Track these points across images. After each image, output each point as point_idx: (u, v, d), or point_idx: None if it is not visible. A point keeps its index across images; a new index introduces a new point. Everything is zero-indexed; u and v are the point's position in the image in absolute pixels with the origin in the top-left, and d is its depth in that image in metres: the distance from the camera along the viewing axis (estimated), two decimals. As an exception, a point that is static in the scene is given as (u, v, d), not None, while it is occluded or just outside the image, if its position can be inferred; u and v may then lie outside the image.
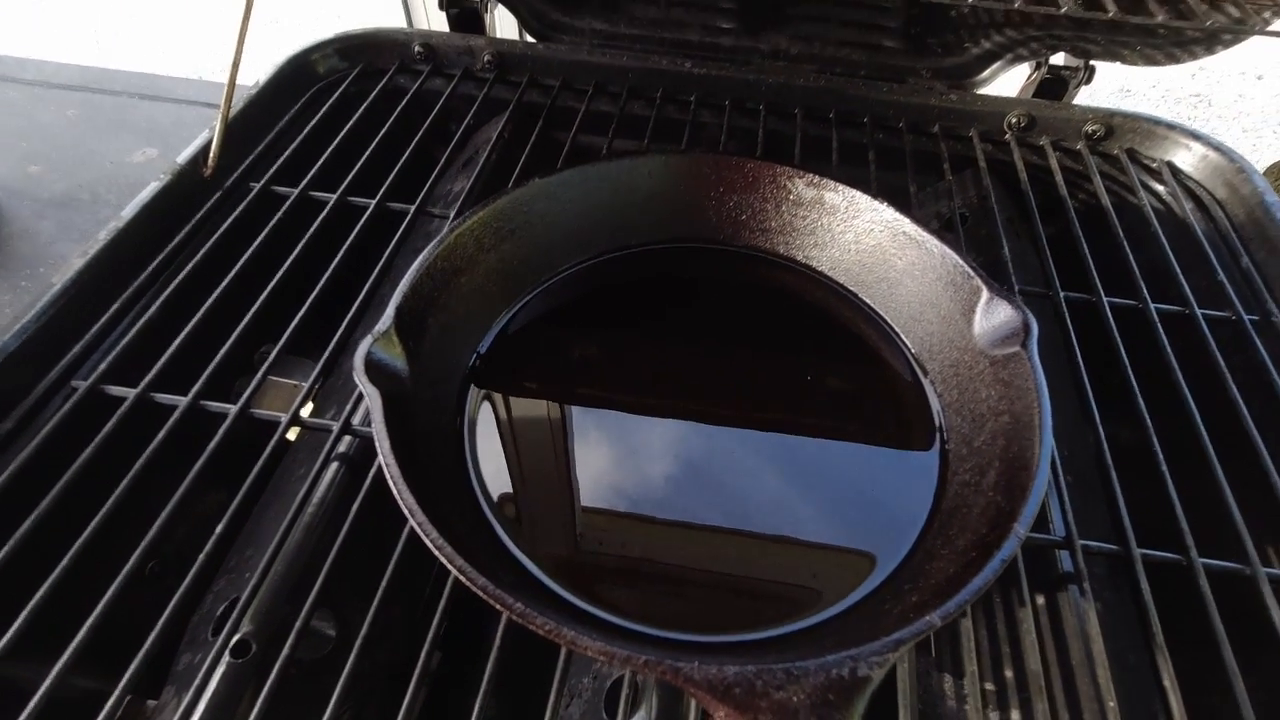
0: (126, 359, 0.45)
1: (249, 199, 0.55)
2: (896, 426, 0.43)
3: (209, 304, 0.48)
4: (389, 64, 0.69)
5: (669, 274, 0.50)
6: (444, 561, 0.29)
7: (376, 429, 0.32)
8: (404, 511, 0.30)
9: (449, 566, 0.29)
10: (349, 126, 0.62)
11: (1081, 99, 0.70)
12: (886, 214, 0.45)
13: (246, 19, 0.50)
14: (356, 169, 0.58)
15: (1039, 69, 0.69)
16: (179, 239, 0.51)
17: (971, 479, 0.37)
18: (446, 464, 0.38)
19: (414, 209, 0.56)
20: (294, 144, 0.60)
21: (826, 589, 0.36)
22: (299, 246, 0.52)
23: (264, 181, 0.57)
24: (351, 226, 0.54)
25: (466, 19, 0.73)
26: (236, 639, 0.36)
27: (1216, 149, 0.62)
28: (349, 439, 0.44)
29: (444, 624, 0.36)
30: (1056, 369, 0.48)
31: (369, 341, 0.35)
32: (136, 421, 0.42)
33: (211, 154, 0.54)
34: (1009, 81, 0.72)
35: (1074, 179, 0.64)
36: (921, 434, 0.42)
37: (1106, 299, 0.52)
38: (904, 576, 0.35)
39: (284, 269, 0.50)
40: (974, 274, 0.41)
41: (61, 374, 0.44)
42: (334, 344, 0.47)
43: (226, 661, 0.36)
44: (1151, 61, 0.63)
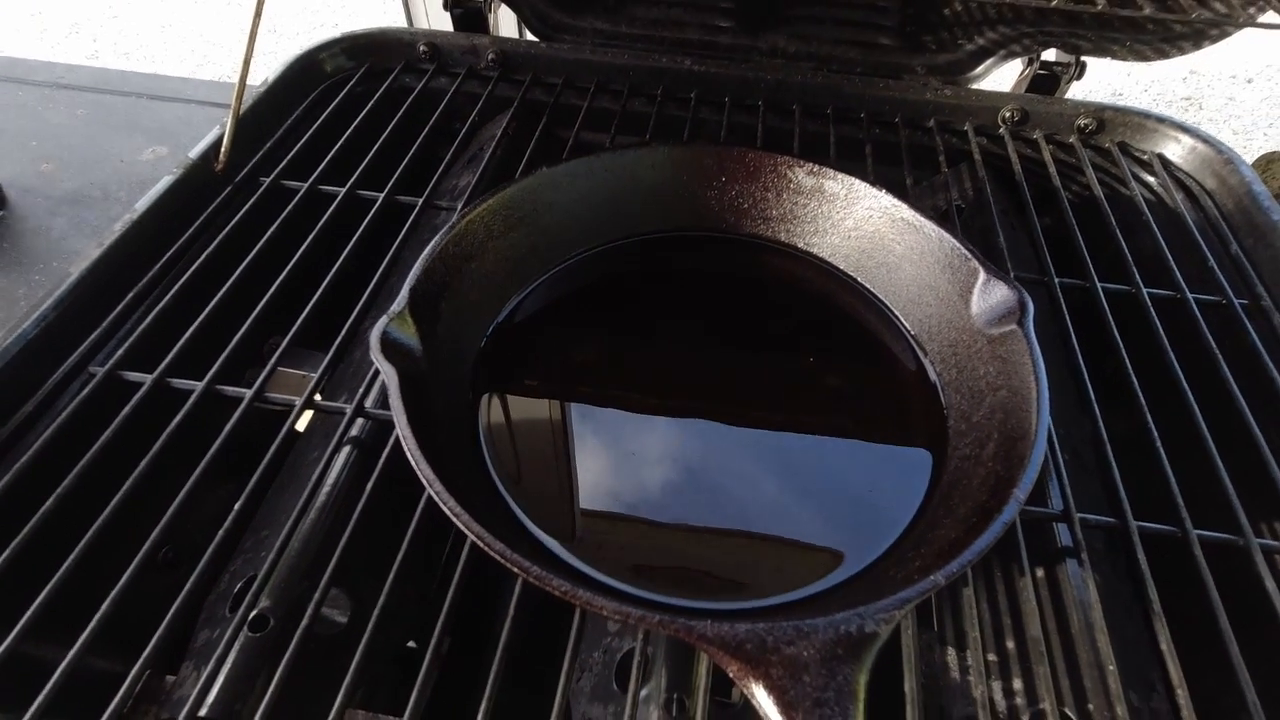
0: (142, 346, 0.46)
1: (259, 192, 0.56)
2: (898, 405, 0.44)
3: (222, 293, 0.49)
4: (395, 63, 0.71)
5: (673, 262, 0.52)
6: (461, 527, 0.30)
7: (393, 403, 0.33)
8: (422, 481, 0.31)
9: (466, 531, 0.30)
10: (356, 124, 0.63)
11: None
12: (884, 200, 0.47)
13: (258, 16, 0.51)
14: (364, 165, 0.59)
15: (1031, 65, 0.71)
16: (192, 231, 0.52)
17: (971, 452, 0.38)
18: (461, 441, 0.39)
19: (421, 201, 0.57)
20: (302, 140, 0.61)
21: (833, 560, 0.37)
22: (309, 238, 0.53)
23: (274, 176, 0.58)
24: (360, 219, 0.55)
25: (470, 19, 0.75)
26: (254, 614, 0.37)
27: (1205, 141, 0.63)
28: (362, 422, 0.44)
29: (458, 599, 0.36)
30: (1053, 353, 0.49)
31: (384, 321, 0.36)
32: (153, 406, 0.43)
33: (223, 149, 0.56)
34: (1002, 77, 0.74)
35: (1067, 171, 0.65)
36: (922, 411, 0.43)
37: (1100, 285, 0.53)
38: (908, 545, 0.36)
39: (295, 259, 0.51)
40: (971, 256, 0.42)
41: (79, 360, 0.44)
42: (344, 333, 0.48)
43: (244, 636, 0.36)
44: (1141, 57, 0.65)
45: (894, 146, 0.65)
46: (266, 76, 0.65)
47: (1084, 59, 0.69)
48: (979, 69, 0.72)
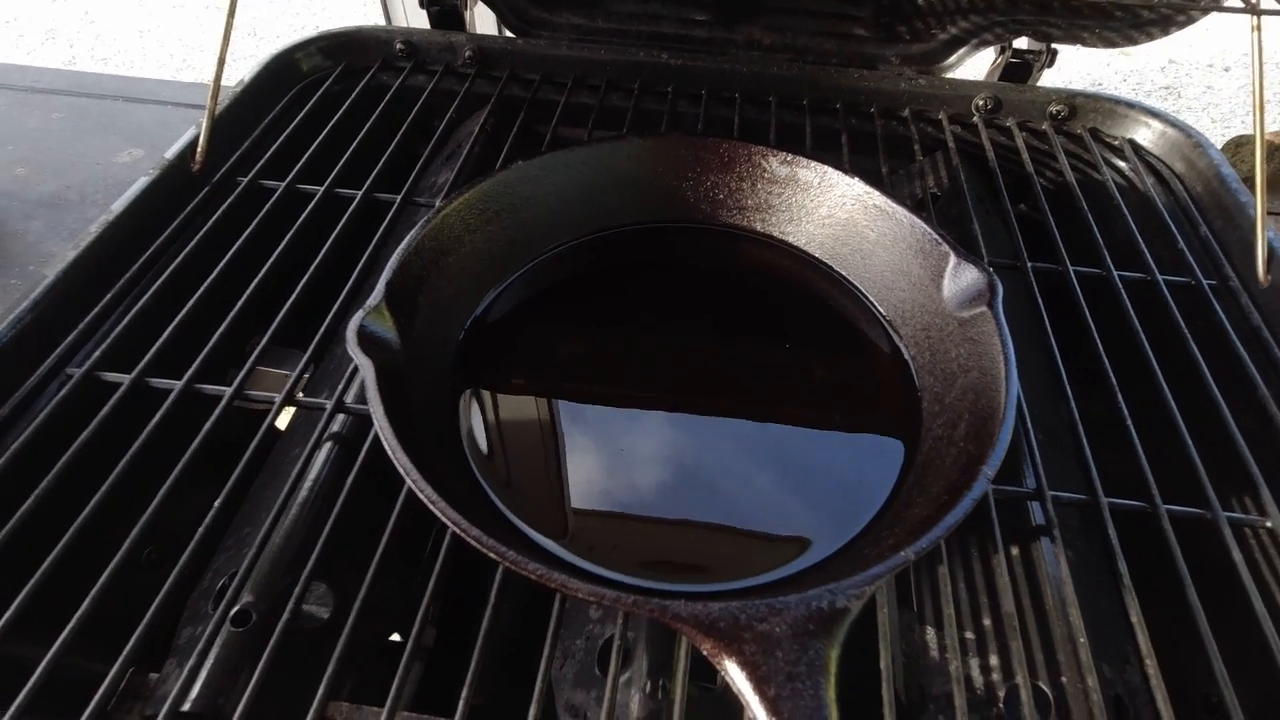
0: (120, 347, 0.45)
1: (237, 192, 0.56)
2: (874, 389, 0.45)
3: (200, 292, 0.49)
4: (371, 61, 0.71)
5: (650, 253, 0.52)
6: (438, 514, 0.30)
7: (370, 395, 0.33)
8: (399, 470, 0.31)
9: (443, 518, 0.30)
10: (333, 123, 0.63)
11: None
12: (857, 188, 0.47)
13: (231, 14, 0.51)
14: (342, 163, 0.60)
15: (1003, 53, 0.72)
16: (169, 231, 0.52)
17: (944, 433, 0.39)
18: (440, 432, 0.39)
19: (400, 199, 0.57)
20: (280, 140, 0.61)
21: (809, 541, 0.37)
22: (288, 236, 0.53)
23: (251, 175, 0.58)
24: (339, 217, 0.55)
25: (447, 16, 0.75)
26: (236, 609, 0.37)
27: (1175, 125, 0.64)
28: (342, 417, 0.45)
29: (440, 589, 0.37)
30: (1027, 336, 0.50)
31: (360, 314, 0.36)
32: (132, 406, 0.43)
33: (199, 149, 0.56)
34: (975, 66, 0.75)
35: (1040, 158, 0.66)
36: (897, 394, 0.43)
37: (1073, 268, 0.54)
38: (882, 524, 0.36)
39: (273, 258, 0.51)
40: (941, 240, 0.43)
41: (56, 362, 0.44)
42: (323, 330, 0.48)
43: (227, 631, 0.36)
44: (1110, 43, 0.66)
45: (870, 136, 0.66)
46: (243, 76, 0.65)
47: (1055, 47, 0.70)
48: (952, 58, 0.73)
